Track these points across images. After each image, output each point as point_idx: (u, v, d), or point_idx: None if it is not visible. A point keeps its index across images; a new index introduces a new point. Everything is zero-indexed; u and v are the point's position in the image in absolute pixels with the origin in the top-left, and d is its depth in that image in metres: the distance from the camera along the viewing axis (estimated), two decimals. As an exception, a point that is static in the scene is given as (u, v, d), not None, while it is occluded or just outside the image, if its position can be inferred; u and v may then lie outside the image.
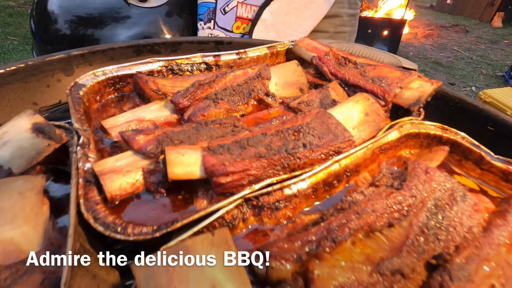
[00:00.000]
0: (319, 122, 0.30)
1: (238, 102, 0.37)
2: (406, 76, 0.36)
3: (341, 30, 0.83)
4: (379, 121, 0.32)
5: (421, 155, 0.32)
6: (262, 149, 0.26)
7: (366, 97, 0.33)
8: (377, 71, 0.39)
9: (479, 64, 3.38)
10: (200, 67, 0.43)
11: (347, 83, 0.39)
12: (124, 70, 0.37)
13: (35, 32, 0.94)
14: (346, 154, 0.27)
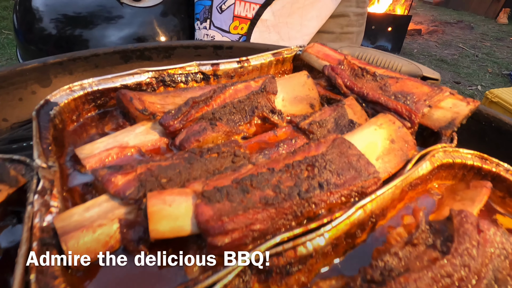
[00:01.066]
0: (337, 153, 0.25)
1: (239, 122, 0.32)
2: (436, 93, 0.31)
3: (348, 30, 0.78)
4: (406, 149, 0.27)
5: (456, 191, 0.27)
6: (269, 192, 0.21)
7: (391, 119, 0.28)
8: (400, 85, 0.33)
9: (485, 62, 3.31)
10: (196, 77, 0.37)
11: (365, 98, 0.34)
12: (107, 83, 0.31)
13: (18, 29, 0.88)
14: (373, 198, 0.22)
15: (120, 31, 0.78)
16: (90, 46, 0.79)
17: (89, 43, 0.78)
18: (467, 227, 0.18)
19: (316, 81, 0.39)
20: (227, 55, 0.46)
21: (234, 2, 0.71)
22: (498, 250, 0.18)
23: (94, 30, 0.78)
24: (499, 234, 0.18)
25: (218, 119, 0.30)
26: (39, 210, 0.18)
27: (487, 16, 5.17)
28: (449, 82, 2.79)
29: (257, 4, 0.70)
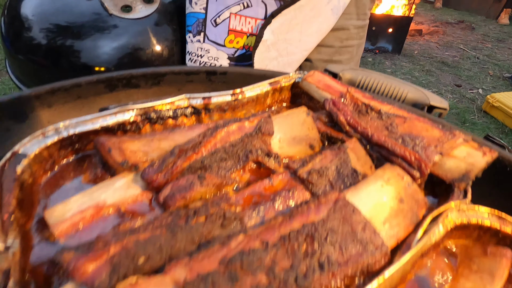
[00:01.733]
0: (339, 219, 0.22)
1: (231, 169, 0.29)
2: (448, 138, 0.28)
3: (347, 44, 0.74)
4: (417, 209, 0.24)
5: (472, 256, 0.24)
6: (262, 278, 0.18)
7: (400, 174, 0.25)
8: (408, 126, 0.30)
9: (486, 64, 3.29)
10: (186, 112, 0.34)
11: (370, 140, 0.31)
12: (86, 125, 0.28)
13: (5, 37, 0.83)
14: (380, 282, 0.19)
15: (113, 41, 0.75)
16: (82, 57, 0.75)
17: (80, 53, 0.75)
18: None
19: (316, 114, 0.36)
20: (221, 81, 0.43)
21: (229, 16, 0.67)
22: None
23: (86, 41, 0.75)
24: None
25: (208, 167, 0.28)
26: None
27: (488, 16, 5.14)
28: (450, 85, 2.76)
29: (252, 18, 0.67)
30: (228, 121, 0.30)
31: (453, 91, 2.68)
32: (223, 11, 0.68)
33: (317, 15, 0.67)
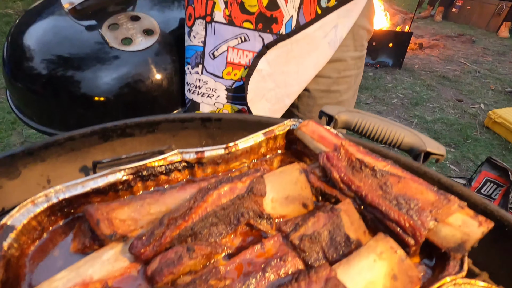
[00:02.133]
0: (330, 302, 0.21)
1: (222, 233, 0.28)
2: (443, 204, 0.28)
3: (345, 74, 0.75)
4: (410, 287, 0.24)
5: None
6: None
7: (393, 247, 0.25)
8: (403, 187, 0.30)
9: (487, 78, 3.30)
10: (179, 166, 0.34)
11: (364, 200, 0.30)
12: (76, 189, 0.28)
13: (7, 64, 0.84)
14: None
15: (114, 71, 0.76)
16: (82, 87, 0.76)
17: (80, 84, 0.75)
18: None
19: (310, 167, 0.35)
20: (216, 127, 0.43)
21: (227, 49, 0.68)
22: None
23: (86, 72, 0.76)
24: None
25: (198, 233, 0.27)
26: None
27: (488, 29, 5.17)
28: (451, 100, 2.76)
29: (250, 51, 0.67)
30: (220, 181, 0.30)
31: (455, 106, 2.67)
32: (220, 44, 0.68)
33: (314, 48, 0.68)
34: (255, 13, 0.64)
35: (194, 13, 0.68)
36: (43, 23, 0.83)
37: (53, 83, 0.76)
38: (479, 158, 2.03)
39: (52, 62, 0.76)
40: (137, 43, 0.74)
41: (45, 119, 0.81)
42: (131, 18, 0.77)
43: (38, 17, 0.84)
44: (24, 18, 0.86)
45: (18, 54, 0.80)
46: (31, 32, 0.82)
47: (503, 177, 1.19)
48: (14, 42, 0.81)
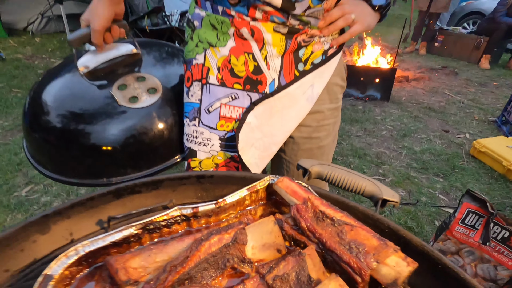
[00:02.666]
0: (290, 330, 0.29)
1: (212, 276, 0.36)
2: (383, 248, 0.36)
3: (323, 123, 0.86)
4: (354, 316, 0.31)
5: None
6: None
7: (341, 285, 0.33)
8: (354, 234, 0.38)
9: (471, 108, 3.46)
10: (179, 220, 0.42)
11: (324, 246, 0.39)
12: (98, 243, 0.36)
13: (27, 114, 0.95)
14: None
15: (121, 124, 0.86)
16: (91, 139, 0.85)
17: (91, 135, 0.85)
18: None
19: (284, 217, 0.44)
20: (209, 182, 0.52)
21: (220, 106, 0.79)
22: None
23: (96, 125, 0.86)
24: None
25: (193, 277, 0.35)
26: None
27: (469, 61, 5.45)
28: (438, 130, 2.89)
29: (239, 107, 0.79)
30: (210, 233, 0.38)
31: (441, 136, 2.80)
32: (214, 102, 0.80)
33: (295, 104, 0.79)
34: (243, 77, 0.76)
35: (192, 76, 0.80)
36: (60, 82, 0.94)
37: (66, 135, 0.86)
38: (466, 187, 2.10)
39: (66, 117, 0.87)
40: (142, 101, 0.85)
41: (57, 168, 0.90)
42: (137, 78, 0.89)
43: (57, 77, 0.96)
44: (44, 77, 0.98)
45: (36, 108, 0.91)
46: (49, 89, 0.93)
47: (483, 208, 1.26)
48: (34, 98, 0.93)
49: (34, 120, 0.91)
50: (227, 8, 0.70)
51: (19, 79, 3.45)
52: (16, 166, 2.00)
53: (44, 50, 4.33)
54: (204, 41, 0.76)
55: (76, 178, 0.89)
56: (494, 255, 1.26)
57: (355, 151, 2.44)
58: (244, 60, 0.74)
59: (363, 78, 3.36)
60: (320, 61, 0.77)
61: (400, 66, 4.97)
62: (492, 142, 2.40)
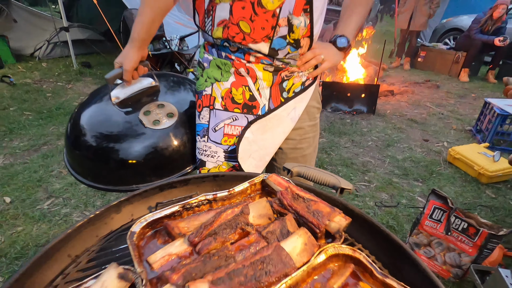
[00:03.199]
0: (275, 254, 0.51)
1: (229, 233, 0.59)
2: (332, 212, 0.59)
3: (305, 137, 1.10)
4: (313, 248, 0.54)
5: (340, 268, 0.53)
6: (242, 279, 0.47)
7: (305, 232, 0.56)
8: (316, 206, 0.62)
9: (450, 119, 3.73)
10: (204, 202, 0.65)
11: (298, 214, 0.61)
12: (156, 215, 0.59)
13: (69, 136, 1.18)
14: (290, 277, 0.48)
15: (142, 143, 1.09)
16: (119, 154, 1.08)
17: (119, 152, 1.08)
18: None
19: (273, 199, 0.67)
20: (222, 180, 0.75)
21: (224, 125, 1.03)
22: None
23: (123, 143, 1.09)
24: (337, 293, 0.44)
25: (218, 232, 0.58)
26: (144, 294, 0.44)
27: (450, 75, 5.79)
28: (419, 140, 3.16)
29: (239, 126, 1.03)
30: (226, 208, 0.61)
31: (422, 145, 3.05)
32: (219, 122, 1.04)
33: (281, 123, 1.03)
34: (241, 103, 1.00)
35: (202, 103, 1.05)
36: (95, 109, 1.19)
37: (102, 152, 1.09)
38: (443, 190, 2.34)
39: (102, 137, 1.10)
40: (163, 124, 1.09)
41: (95, 178, 1.13)
42: (158, 106, 1.13)
43: (92, 106, 1.20)
44: (81, 106, 1.22)
45: (77, 131, 1.14)
46: (87, 116, 1.17)
47: (445, 204, 1.49)
48: (74, 122, 1.16)
49: (75, 140, 1.14)
50: (229, 54, 0.96)
51: (29, 102, 3.68)
52: (36, 182, 2.20)
53: (51, 74, 4.59)
54: (211, 77, 1.01)
55: (110, 185, 1.11)
56: (457, 244, 1.49)
57: (343, 160, 2.68)
58: (242, 91, 0.99)
59: (349, 93, 3.65)
60: (299, 90, 1.02)
61: (386, 81, 5.30)
62: (465, 149, 2.66)
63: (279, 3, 0.82)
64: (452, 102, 4.27)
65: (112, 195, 2.15)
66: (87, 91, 4.24)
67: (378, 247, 0.58)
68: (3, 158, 2.57)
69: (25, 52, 5.29)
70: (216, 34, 0.91)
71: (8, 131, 3.03)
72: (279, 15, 0.84)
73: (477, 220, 1.40)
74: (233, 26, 0.87)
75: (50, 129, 3.08)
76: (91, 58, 5.49)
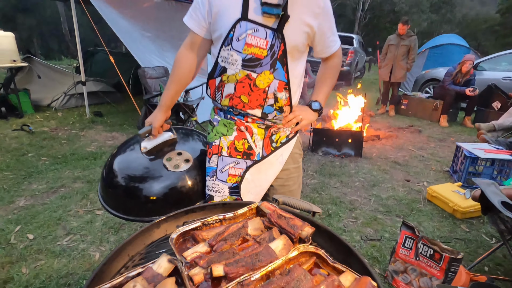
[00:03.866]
0: (265, 250, 0.80)
1: (234, 239, 0.88)
2: (304, 225, 0.89)
3: (290, 176, 1.43)
4: (290, 247, 0.83)
5: (307, 260, 0.82)
6: (243, 263, 0.76)
7: (285, 237, 0.85)
8: (293, 221, 0.92)
9: (430, 161, 4.09)
10: (217, 220, 0.95)
11: (281, 227, 0.91)
12: (185, 228, 0.89)
13: (104, 177, 1.49)
14: (273, 263, 0.77)
15: (161, 183, 1.40)
16: (144, 192, 1.39)
17: (143, 190, 1.39)
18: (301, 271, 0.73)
19: (264, 218, 0.97)
20: (229, 207, 1.05)
21: (228, 168, 1.36)
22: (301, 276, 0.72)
23: (145, 183, 1.40)
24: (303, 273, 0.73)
25: (227, 239, 0.87)
26: (187, 275, 0.72)
27: (431, 120, 6.28)
28: (401, 180, 3.47)
29: (240, 168, 1.35)
30: (232, 224, 0.91)
31: (404, 185, 3.36)
32: (225, 166, 1.37)
33: (272, 166, 1.36)
34: (242, 151, 1.34)
35: (212, 151, 1.39)
36: (126, 157, 1.52)
37: (132, 191, 1.40)
38: (421, 225, 2.60)
39: (132, 179, 1.42)
40: (181, 168, 1.42)
41: (125, 211, 1.42)
42: (177, 154, 1.47)
43: (123, 154, 1.53)
44: (113, 155, 1.55)
45: (110, 173, 1.46)
46: (119, 162, 1.50)
47: (414, 233, 1.76)
48: (109, 167, 1.49)
49: (111, 182, 1.45)
50: (232, 116, 1.32)
51: (46, 148, 4.03)
52: (56, 220, 2.45)
53: (66, 123, 5.02)
54: (219, 132, 1.36)
55: (138, 217, 1.40)
56: (428, 269, 1.72)
57: (333, 199, 2.96)
58: (242, 142, 1.33)
59: (337, 139, 4.05)
60: (285, 141, 1.37)
61: (373, 126, 5.76)
62: (441, 188, 2.97)
63: (267, 84, 1.20)
64: (432, 146, 4.67)
65: (124, 231, 2.39)
66: (98, 138, 4.60)
67: (332, 247, 0.87)
68: (24, 199, 2.83)
69: (43, 103, 5.78)
70: (223, 103, 1.29)
71: (27, 175, 3.32)
72: (267, 92, 1.21)
73: (440, 246, 1.66)
74: (236, 98, 1.24)
75: (66, 173, 3.37)
76: (102, 108, 5.98)
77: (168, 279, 0.71)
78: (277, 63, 1.17)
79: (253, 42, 1.13)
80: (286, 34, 1.13)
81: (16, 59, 4.76)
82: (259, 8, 1.10)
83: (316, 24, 1.17)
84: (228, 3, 1.13)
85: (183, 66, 1.33)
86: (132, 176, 1.41)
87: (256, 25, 1.12)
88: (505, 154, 3.02)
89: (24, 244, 2.17)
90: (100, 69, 7.17)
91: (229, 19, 1.13)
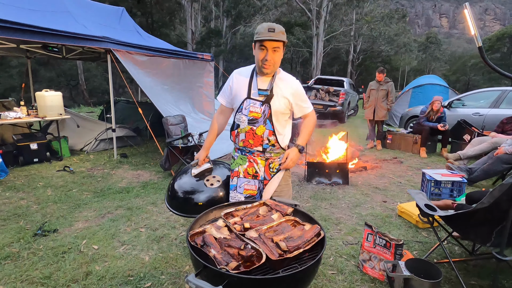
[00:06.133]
0: (268, 218, 1.62)
1: (252, 216, 1.69)
2: (289, 207, 1.71)
3: (283, 190, 2.26)
4: (281, 217, 1.65)
5: (288, 222, 1.63)
6: (258, 224, 1.57)
7: (279, 213, 1.67)
8: (284, 206, 1.74)
9: (405, 186, 4.89)
10: (244, 207, 1.77)
11: (277, 210, 1.73)
12: (229, 210, 1.71)
13: (170, 192, 2.34)
14: (271, 223, 1.58)
15: (204, 194, 2.26)
16: (194, 200, 2.24)
17: (193, 200, 2.24)
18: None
19: (268, 207, 1.79)
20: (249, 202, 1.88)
21: (243, 184, 2.20)
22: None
23: (194, 195, 2.26)
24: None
25: (249, 215, 1.68)
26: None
27: (413, 153, 7.14)
28: (379, 201, 4.24)
29: (253, 185, 2.20)
30: (251, 209, 1.73)
31: (381, 205, 4.13)
32: (242, 184, 2.22)
33: (272, 183, 2.22)
34: (251, 175, 2.22)
35: (233, 175, 2.26)
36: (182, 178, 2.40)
37: (187, 199, 2.25)
38: (391, 233, 3.34)
39: (186, 192, 2.29)
40: (215, 185, 2.29)
41: (183, 211, 2.25)
42: (213, 177, 2.34)
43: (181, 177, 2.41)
44: (174, 178, 2.43)
45: (173, 189, 2.33)
46: (177, 182, 2.39)
47: (372, 229, 2.54)
48: (173, 185, 2.37)
49: (173, 194, 2.31)
50: (245, 153, 2.21)
51: (86, 185, 4.88)
52: (111, 236, 3.23)
53: (98, 164, 5.92)
54: (238, 163, 2.24)
55: (189, 214, 2.22)
56: (383, 255, 2.47)
57: (323, 217, 3.72)
58: (252, 169, 2.20)
59: (328, 170, 4.89)
60: (278, 168, 2.24)
61: (362, 159, 6.60)
62: (408, 205, 3.74)
63: (263, 132, 2.10)
64: (410, 174, 5.48)
65: (163, 242, 3.15)
66: (127, 175, 5.47)
67: (303, 218, 1.69)
68: (81, 223, 3.64)
69: (76, 147, 6.75)
70: (239, 145, 2.18)
71: (77, 206, 4.15)
72: (263, 136, 2.11)
73: (389, 237, 2.43)
74: (246, 141, 2.14)
75: (107, 203, 4.20)
76: (126, 150, 6.93)
77: (224, 228, 1.53)
78: (267, 120, 2.08)
79: (253, 110, 2.06)
80: (272, 104, 2.06)
81: (62, 112, 5.82)
82: (257, 92, 2.05)
83: (291, 97, 2.10)
84: (240, 89, 2.10)
85: (217, 123, 2.26)
86: (186, 190, 2.27)
87: (255, 100, 2.06)
88: (456, 177, 3.82)
89: (92, 252, 2.94)
90: (120, 116, 8.27)
91: (241, 98, 2.09)
